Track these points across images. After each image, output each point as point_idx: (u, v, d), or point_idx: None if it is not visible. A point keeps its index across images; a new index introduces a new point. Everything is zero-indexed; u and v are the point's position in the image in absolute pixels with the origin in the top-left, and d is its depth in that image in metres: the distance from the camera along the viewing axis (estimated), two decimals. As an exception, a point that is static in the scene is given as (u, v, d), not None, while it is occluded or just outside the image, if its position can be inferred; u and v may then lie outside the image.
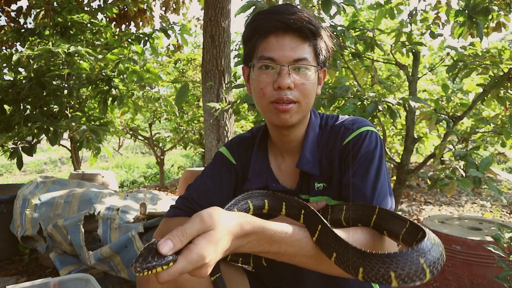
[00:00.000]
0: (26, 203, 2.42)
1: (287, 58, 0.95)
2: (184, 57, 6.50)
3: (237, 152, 1.18)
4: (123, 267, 1.97)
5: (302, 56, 0.96)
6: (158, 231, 1.11)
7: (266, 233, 0.72)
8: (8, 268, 2.49)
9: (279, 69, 0.96)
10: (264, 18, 0.97)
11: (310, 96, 1.00)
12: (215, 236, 0.62)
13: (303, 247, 0.76)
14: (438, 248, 0.65)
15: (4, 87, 3.54)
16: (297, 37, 0.96)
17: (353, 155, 1.00)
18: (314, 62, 0.99)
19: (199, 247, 0.59)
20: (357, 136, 1.02)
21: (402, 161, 2.52)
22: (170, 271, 0.57)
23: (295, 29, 0.95)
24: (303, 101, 0.98)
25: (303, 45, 0.97)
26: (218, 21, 3.17)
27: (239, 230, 0.67)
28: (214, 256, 0.61)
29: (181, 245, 0.59)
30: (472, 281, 1.68)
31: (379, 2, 2.80)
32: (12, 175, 8.57)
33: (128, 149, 13.60)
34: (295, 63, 0.96)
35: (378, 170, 0.97)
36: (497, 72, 2.26)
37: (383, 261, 0.62)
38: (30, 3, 4.95)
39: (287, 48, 0.96)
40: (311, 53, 0.99)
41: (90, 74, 3.65)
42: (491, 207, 4.47)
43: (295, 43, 0.96)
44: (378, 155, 0.99)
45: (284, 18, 0.94)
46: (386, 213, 0.83)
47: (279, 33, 0.96)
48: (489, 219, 2.10)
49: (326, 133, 1.08)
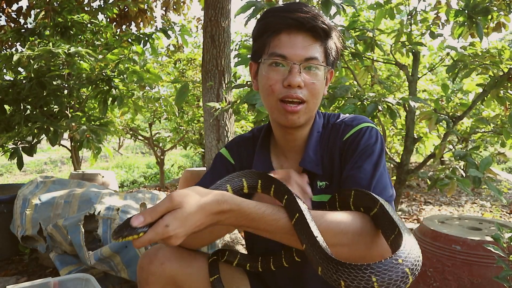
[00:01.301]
0: (26, 203, 2.42)
1: (298, 57, 0.95)
2: (184, 57, 6.50)
3: (237, 152, 1.17)
4: (123, 267, 1.98)
5: (313, 56, 0.96)
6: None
7: (244, 211, 0.77)
8: (8, 268, 2.49)
9: (290, 67, 0.95)
10: (277, 16, 0.97)
11: (318, 96, 1.00)
12: (182, 213, 0.69)
13: (282, 227, 0.80)
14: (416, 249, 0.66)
15: (4, 87, 3.54)
16: (310, 36, 0.96)
17: (352, 150, 0.99)
18: (324, 62, 0.99)
19: (165, 221, 0.68)
20: (357, 131, 1.02)
21: (402, 161, 2.52)
22: (141, 239, 0.68)
23: (308, 28, 0.95)
24: (311, 101, 0.98)
25: (314, 45, 0.97)
26: (218, 21, 3.16)
27: (215, 207, 0.74)
28: (181, 230, 0.69)
29: (151, 219, 0.68)
30: (472, 281, 1.68)
31: (379, 2, 2.80)
32: (12, 175, 8.58)
33: (128, 149, 13.60)
34: (307, 62, 0.96)
35: (377, 163, 0.96)
36: (497, 72, 2.26)
37: (337, 269, 0.65)
38: (30, 3, 4.94)
39: (299, 47, 0.95)
40: (322, 53, 0.99)
41: (90, 74, 3.65)
42: (491, 207, 4.47)
43: (307, 42, 0.96)
44: (379, 149, 0.99)
45: (298, 16, 0.94)
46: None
47: (292, 31, 0.96)
48: (489, 219, 2.10)
49: (328, 131, 1.08)
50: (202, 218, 0.73)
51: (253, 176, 0.90)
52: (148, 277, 0.99)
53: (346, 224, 0.82)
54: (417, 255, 0.66)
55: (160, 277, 0.99)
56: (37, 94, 3.59)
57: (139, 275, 1.02)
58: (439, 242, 1.79)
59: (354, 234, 0.82)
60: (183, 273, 1.01)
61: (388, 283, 0.61)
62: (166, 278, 0.99)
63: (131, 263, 1.95)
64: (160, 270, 0.99)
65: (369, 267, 0.62)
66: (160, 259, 1.00)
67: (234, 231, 0.95)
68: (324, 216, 0.82)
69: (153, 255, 1.01)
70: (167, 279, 1.00)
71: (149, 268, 1.00)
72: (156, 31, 4.14)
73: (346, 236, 0.81)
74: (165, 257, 1.00)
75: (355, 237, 0.81)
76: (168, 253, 1.01)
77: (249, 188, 0.90)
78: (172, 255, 1.02)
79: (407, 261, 0.63)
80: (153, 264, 1.00)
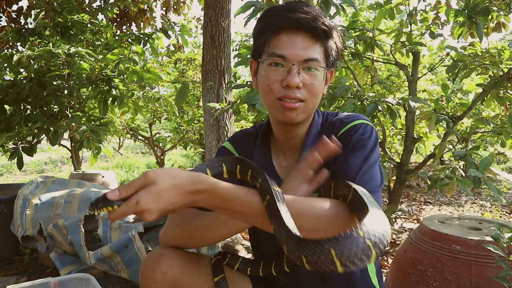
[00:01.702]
0: (27, 203, 2.42)
1: (298, 57, 0.95)
2: (184, 57, 6.50)
3: (241, 147, 1.18)
4: (123, 267, 1.98)
5: (313, 56, 0.96)
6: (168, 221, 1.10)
7: (218, 192, 0.78)
8: (8, 268, 2.49)
9: (289, 67, 0.95)
10: (278, 15, 0.96)
11: (317, 96, 1.00)
12: (155, 189, 0.72)
13: (254, 209, 0.81)
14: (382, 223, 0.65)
15: (4, 87, 3.54)
16: (310, 36, 0.96)
17: (345, 145, 0.99)
18: (324, 63, 0.99)
19: (138, 196, 0.71)
20: (351, 127, 1.02)
21: (402, 161, 2.52)
22: (115, 211, 0.71)
23: (308, 29, 0.95)
24: (310, 100, 0.98)
25: (314, 45, 0.96)
26: (218, 21, 3.17)
27: (190, 187, 0.76)
28: (153, 206, 0.71)
29: (125, 194, 0.71)
30: (472, 281, 1.68)
31: (379, 2, 2.80)
32: (12, 175, 8.58)
33: (128, 149, 13.59)
34: (306, 63, 0.95)
35: (367, 157, 0.96)
36: (497, 72, 2.26)
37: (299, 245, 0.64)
38: (30, 3, 4.95)
39: (299, 47, 0.95)
40: (321, 54, 0.98)
41: (90, 74, 3.65)
42: (491, 207, 4.47)
43: (307, 42, 0.96)
44: (371, 144, 0.99)
45: (298, 17, 0.94)
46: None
47: (292, 31, 0.95)
48: (489, 219, 2.10)
49: (325, 129, 1.08)
50: (177, 196, 0.74)
51: (232, 162, 0.91)
52: (150, 285, 0.98)
53: (321, 209, 0.83)
54: (383, 229, 0.63)
55: (163, 285, 0.98)
56: (37, 94, 3.59)
57: (142, 282, 1.01)
58: (439, 242, 1.79)
59: (330, 219, 0.82)
60: (186, 279, 1.00)
61: (347, 255, 0.59)
62: (169, 285, 0.99)
63: (131, 263, 1.95)
64: (163, 279, 0.98)
65: (328, 241, 0.61)
66: (162, 269, 0.99)
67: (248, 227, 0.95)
68: (298, 200, 0.84)
69: (155, 263, 1.00)
70: (170, 286, 0.99)
71: (152, 277, 0.99)
72: (156, 31, 4.15)
73: (320, 221, 0.82)
74: (167, 266, 0.99)
75: (330, 223, 0.82)
76: (170, 261, 1.00)
77: (228, 173, 0.91)
78: (174, 262, 1.00)
79: (369, 234, 0.61)
80: (156, 273, 0.98)
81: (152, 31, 4.17)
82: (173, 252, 1.03)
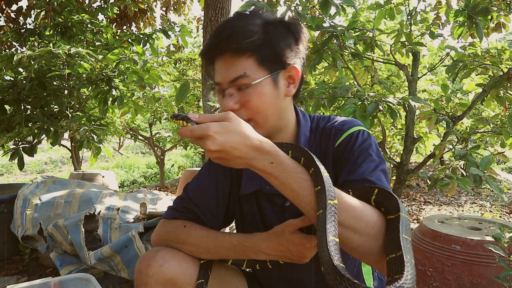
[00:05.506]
0: (27, 203, 2.42)
1: (226, 80, 0.95)
2: (184, 57, 6.50)
3: None
4: (123, 266, 1.98)
5: (238, 74, 0.93)
6: (155, 232, 1.10)
7: (279, 158, 0.80)
8: (8, 267, 2.50)
9: (224, 92, 0.96)
10: (208, 44, 0.98)
11: (262, 109, 0.96)
12: (229, 125, 0.75)
13: (305, 188, 0.80)
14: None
15: (4, 87, 3.55)
16: (232, 54, 0.93)
17: (347, 155, 0.99)
18: (259, 72, 0.94)
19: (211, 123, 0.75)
20: (348, 136, 1.01)
21: (402, 161, 2.52)
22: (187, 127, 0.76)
23: (229, 48, 0.93)
24: (256, 117, 0.96)
25: (239, 61, 0.93)
26: (218, 21, 3.16)
27: (257, 143, 0.78)
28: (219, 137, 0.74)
29: (204, 120, 0.76)
30: (472, 281, 1.68)
31: (379, 2, 2.80)
32: (12, 175, 8.58)
33: (128, 149, 13.59)
34: (232, 83, 0.94)
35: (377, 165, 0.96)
36: (497, 72, 2.26)
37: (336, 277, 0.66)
38: (30, 3, 4.95)
39: (225, 69, 0.95)
40: (253, 64, 0.93)
41: (91, 75, 3.66)
42: (491, 207, 4.47)
43: (231, 61, 0.94)
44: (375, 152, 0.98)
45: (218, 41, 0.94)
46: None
47: (217, 55, 0.97)
48: (488, 219, 2.10)
49: (318, 136, 1.07)
50: (241, 144, 0.76)
51: (299, 151, 0.88)
52: (147, 280, 0.97)
53: (363, 212, 0.81)
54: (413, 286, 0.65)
55: (159, 279, 0.97)
56: (37, 94, 3.60)
57: (137, 278, 1.00)
58: (439, 242, 1.80)
59: (368, 225, 0.80)
60: (182, 274, 0.99)
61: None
62: (165, 280, 0.97)
63: (131, 263, 1.95)
64: (158, 272, 0.97)
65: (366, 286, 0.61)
66: (158, 261, 0.98)
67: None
68: (344, 195, 0.82)
69: (151, 258, 1.00)
70: (166, 281, 0.98)
71: (148, 271, 0.98)
72: (156, 32, 4.15)
73: (359, 223, 0.79)
74: (164, 259, 0.99)
75: (368, 228, 0.80)
76: (167, 255, 1.00)
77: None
78: (170, 256, 1.00)
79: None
80: (152, 266, 0.98)
81: (152, 31, 4.17)
82: (169, 248, 1.03)
